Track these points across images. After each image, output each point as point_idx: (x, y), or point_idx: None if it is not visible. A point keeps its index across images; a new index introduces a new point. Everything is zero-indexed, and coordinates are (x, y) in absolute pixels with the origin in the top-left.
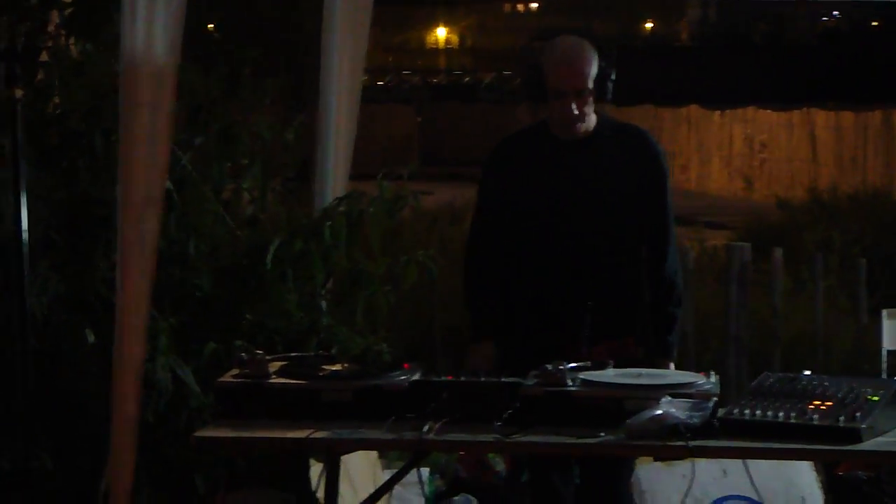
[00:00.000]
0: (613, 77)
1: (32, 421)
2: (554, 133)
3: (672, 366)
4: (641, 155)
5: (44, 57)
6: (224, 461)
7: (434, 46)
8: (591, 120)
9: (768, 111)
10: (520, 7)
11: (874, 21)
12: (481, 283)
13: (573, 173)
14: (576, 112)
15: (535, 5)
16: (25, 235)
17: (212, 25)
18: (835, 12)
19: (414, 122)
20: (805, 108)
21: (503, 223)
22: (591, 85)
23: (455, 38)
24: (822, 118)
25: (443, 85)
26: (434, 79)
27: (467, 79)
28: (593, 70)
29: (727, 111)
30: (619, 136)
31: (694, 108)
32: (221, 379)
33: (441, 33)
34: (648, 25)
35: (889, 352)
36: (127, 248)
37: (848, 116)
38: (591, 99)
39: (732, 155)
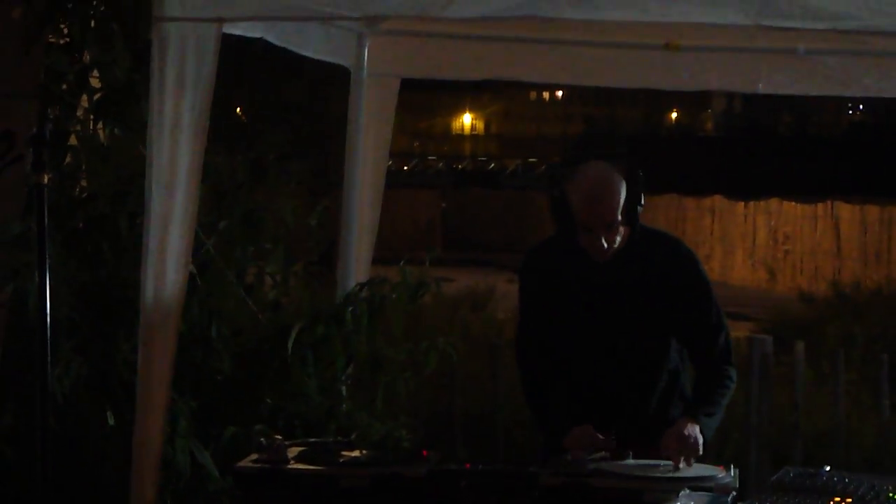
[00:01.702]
0: (643, 202)
1: (51, 501)
2: (585, 248)
3: (696, 429)
4: (677, 264)
5: (72, 140)
6: None
7: (459, 132)
8: (621, 234)
9: (792, 203)
10: (545, 95)
11: None
12: (541, 382)
13: (607, 293)
14: (605, 246)
15: (560, 93)
16: (49, 318)
17: (239, 109)
18: (860, 106)
19: (438, 207)
20: (829, 201)
21: (546, 328)
22: (619, 216)
23: (480, 125)
24: (846, 211)
25: (467, 171)
26: (459, 164)
27: (492, 165)
28: (622, 200)
29: (751, 202)
30: (651, 245)
31: (718, 199)
32: (240, 463)
33: (466, 119)
34: (673, 115)
35: None
36: (149, 330)
37: (873, 210)
38: (620, 228)
39: (756, 246)
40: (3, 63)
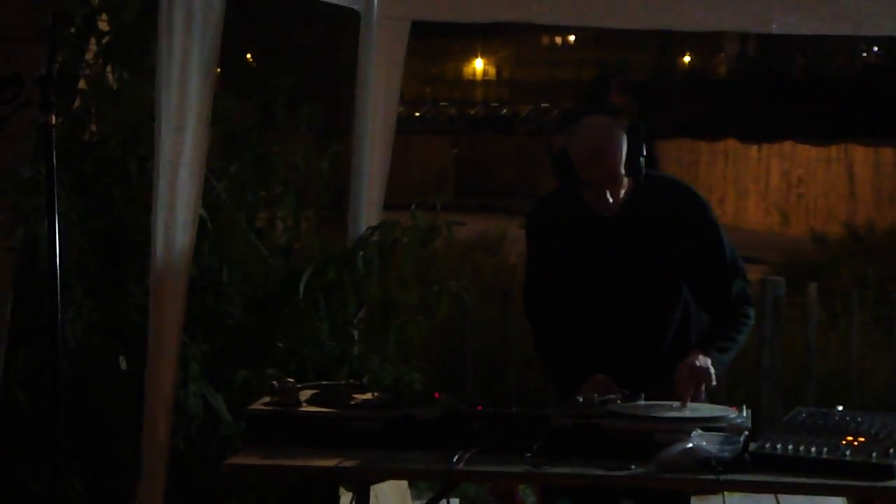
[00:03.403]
0: (645, 153)
1: (64, 446)
2: (589, 203)
3: (708, 360)
4: (684, 210)
5: (81, 84)
6: (254, 489)
7: (471, 78)
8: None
9: (806, 146)
10: (557, 39)
11: None
12: (552, 335)
13: (614, 247)
14: (611, 200)
15: (572, 38)
16: (58, 261)
17: (249, 55)
18: (875, 48)
19: (450, 153)
20: (843, 144)
21: (554, 281)
22: (623, 170)
23: (492, 70)
24: (860, 154)
25: (479, 116)
26: (471, 110)
27: (504, 111)
28: (624, 154)
29: (764, 145)
30: (657, 193)
31: (731, 143)
32: (252, 406)
33: (478, 65)
34: (686, 59)
35: None
36: (160, 274)
37: (887, 153)
38: (624, 180)
39: (769, 189)
40: (11, 7)
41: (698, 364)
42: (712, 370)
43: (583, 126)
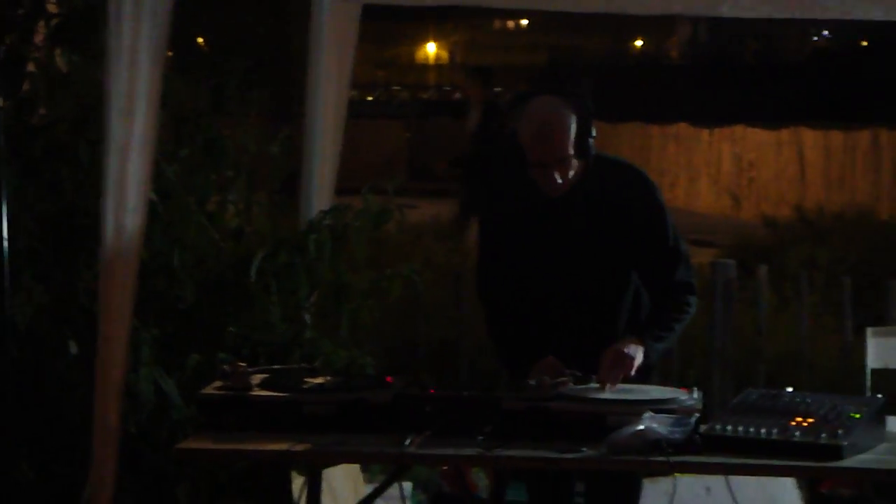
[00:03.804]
0: (594, 133)
1: (14, 431)
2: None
3: (638, 350)
4: (631, 192)
5: (31, 67)
6: (206, 474)
7: (424, 62)
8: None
9: (757, 130)
10: (510, 24)
11: (863, 41)
12: (503, 318)
13: (563, 228)
14: (559, 181)
15: (525, 22)
16: (6, 245)
17: (200, 38)
18: (825, 32)
19: (402, 137)
20: (794, 127)
21: (505, 262)
22: (571, 150)
23: (445, 55)
24: (810, 137)
25: (432, 101)
26: (423, 94)
27: (457, 95)
28: (572, 134)
29: (716, 129)
30: (606, 175)
31: (683, 126)
32: (204, 391)
33: (431, 49)
34: (638, 43)
35: (873, 370)
36: (110, 258)
37: (836, 136)
38: (573, 161)
39: (720, 173)
40: None
41: (625, 351)
42: (638, 360)
43: (531, 106)
